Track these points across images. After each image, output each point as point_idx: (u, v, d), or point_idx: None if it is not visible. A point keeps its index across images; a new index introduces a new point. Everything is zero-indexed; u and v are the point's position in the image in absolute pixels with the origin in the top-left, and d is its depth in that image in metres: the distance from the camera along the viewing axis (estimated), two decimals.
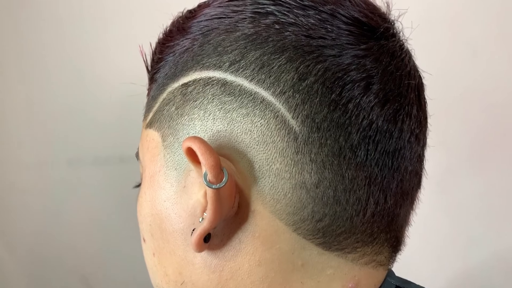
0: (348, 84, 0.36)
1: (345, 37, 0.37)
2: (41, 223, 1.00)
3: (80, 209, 1.00)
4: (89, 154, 0.99)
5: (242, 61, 0.37)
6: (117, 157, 0.98)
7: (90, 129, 0.98)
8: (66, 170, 0.99)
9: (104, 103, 0.96)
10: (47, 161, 0.99)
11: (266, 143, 0.36)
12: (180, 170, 0.39)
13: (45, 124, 0.98)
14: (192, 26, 0.41)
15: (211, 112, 0.37)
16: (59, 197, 1.00)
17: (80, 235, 1.01)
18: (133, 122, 0.97)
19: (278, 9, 0.38)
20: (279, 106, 0.36)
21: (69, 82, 0.97)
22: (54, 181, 0.99)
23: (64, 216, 1.00)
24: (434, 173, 0.49)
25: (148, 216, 0.41)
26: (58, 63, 0.96)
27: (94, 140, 0.98)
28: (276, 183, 0.36)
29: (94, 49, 0.96)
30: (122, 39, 0.94)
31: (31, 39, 0.95)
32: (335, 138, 0.36)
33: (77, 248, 1.01)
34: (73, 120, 0.98)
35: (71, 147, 0.99)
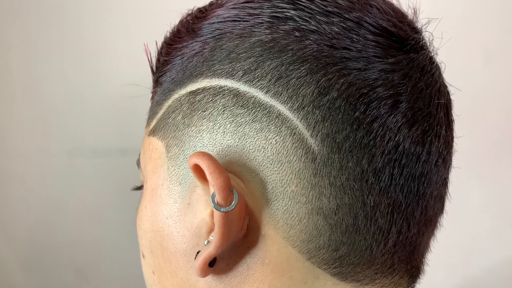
0: (374, 101, 0.32)
1: (372, 49, 0.32)
2: (39, 214, 0.97)
3: (78, 200, 0.96)
4: (89, 146, 0.95)
5: (257, 70, 0.33)
6: (117, 149, 0.94)
7: (91, 120, 0.94)
8: (65, 161, 0.95)
9: (105, 95, 0.93)
10: (46, 151, 0.95)
11: (281, 162, 0.32)
12: (185, 185, 0.35)
13: (45, 114, 0.95)
14: (203, 27, 0.36)
15: (221, 124, 0.33)
16: (58, 187, 0.96)
17: (77, 226, 0.97)
18: (134, 115, 0.93)
19: (299, 14, 0.33)
20: (296, 122, 0.32)
21: (70, 72, 0.93)
22: (54, 171, 0.96)
23: (62, 207, 0.97)
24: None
25: (148, 232, 0.37)
26: (59, 53, 0.92)
27: (95, 132, 0.95)
28: (290, 207, 0.32)
29: (95, 40, 0.92)
30: (124, 31, 0.90)
31: (32, 30, 0.90)
32: (357, 160, 0.31)
33: (74, 240, 0.97)
34: (74, 111, 0.94)
35: (72, 138, 0.95)
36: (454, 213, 0.82)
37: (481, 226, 0.91)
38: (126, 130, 0.94)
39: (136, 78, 0.91)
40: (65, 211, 0.97)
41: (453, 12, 0.82)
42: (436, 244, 0.36)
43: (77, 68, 0.93)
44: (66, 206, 0.97)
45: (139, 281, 0.94)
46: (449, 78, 0.37)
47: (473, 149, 0.87)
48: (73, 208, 0.97)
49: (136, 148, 0.92)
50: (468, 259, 0.93)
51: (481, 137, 0.87)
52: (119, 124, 0.94)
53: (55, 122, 0.95)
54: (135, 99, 0.92)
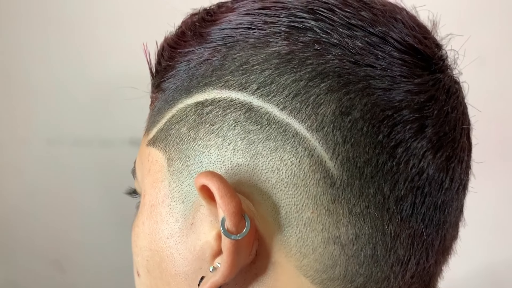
0: (398, 124, 0.29)
1: (397, 68, 0.29)
2: (15, 202, 0.92)
3: (56, 190, 0.92)
4: (69, 135, 0.90)
5: (273, 84, 0.30)
6: (98, 140, 0.90)
7: (72, 109, 0.90)
8: (44, 150, 0.90)
9: (88, 83, 0.88)
10: (25, 139, 0.90)
11: (297, 186, 0.29)
12: (188, 203, 0.31)
13: (24, 100, 0.90)
14: (213, 33, 0.33)
15: (232, 141, 0.30)
16: (35, 177, 0.92)
17: (54, 217, 0.93)
18: (118, 106, 0.89)
19: (319, 25, 0.30)
20: (314, 143, 0.29)
21: (52, 58, 0.88)
22: (32, 160, 0.91)
23: (39, 197, 0.92)
24: None
25: (145, 250, 0.34)
26: (41, 39, 0.87)
27: (76, 121, 0.90)
28: (305, 234, 0.29)
29: (80, 27, 0.87)
30: (111, 19, 0.86)
31: (12, 15, 0.85)
32: (379, 187, 0.29)
33: (51, 230, 0.93)
34: (55, 98, 0.90)
35: (52, 126, 0.91)
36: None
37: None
38: (108, 120, 0.90)
39: (121, 68, 0.88)
40: (42, 201, 0.92)
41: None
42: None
43: (59, 55, 0.88)
44: (43, 196, 0.92)
45: (116, 273, 0.91)
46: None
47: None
48: (51, 198, 0.92)
49: (119, 139, 0.89)
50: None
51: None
52: (101, 114, 0.90)
53: (34, 109, 0.90)
54: (120, 90, 0.88)
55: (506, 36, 0.81)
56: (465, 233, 0.34)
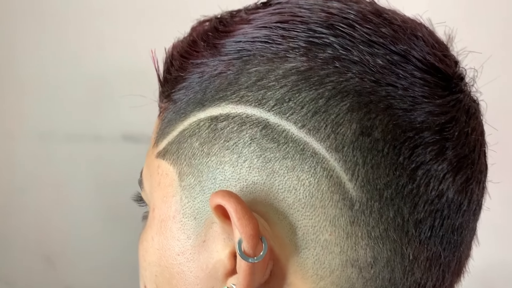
0: (419, 146, 0.28)
1: (419, 88, 0.29)
2: (5, 197, 0.90)
3: (47, 186, 0.90)
4: (62, 130, 0.88)
5: (291, 101, 0.29)
6: (91, 136, 0.88)
7: (65, 103, 0.88)
8: (36, 144, 0.88)
9: (82, 77, 0.86)
10: (16, 133, 0.88)
11: (315, 207, 0.28)
12: (200, 220, 0.30)
13: (16, 94, 0.87)
14: (227, 45, 0.31)
15: (247, 158, 0.29)
16: (26, 172, 0.90)
17: (46, 213, 0.91)
18: (112, 101, 0.87)
19: (339, 42, 0.29)
20: (333, 163, 0.28)
21: (45, 51, 0.86)
22: (23, 154, 0.89)
23: (31, 192, 0.90)
24: None
25: (154, 265, 0.33)
26: (34, 31, 0.85)
27: (69, 116, 0.88)
28: (322, 256, 0.28)
29: (74, 20, 0.85)
30: (106, 14, 0.84)
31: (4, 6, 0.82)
32: (399, 209, 0.28)
33: (42, 226, 0.91)
34: (47, 92, 0.88)
35: (44, 121, 0.89)
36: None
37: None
38: (101, 116, 0.88)
39: (114, 64, 0.86)
40: (33, 196, 0.90)
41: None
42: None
43: (51, 49, 0.86)
44: (34, 192, 0.90)
45: (107, 270, 0.89)
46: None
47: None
48: (42, 194, 0.90)
49: (111, 135, 0.87)
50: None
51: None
52: (94, 110, 0.88)
53: (26, 104, 0.88)
54: (113, 85, 0.87)
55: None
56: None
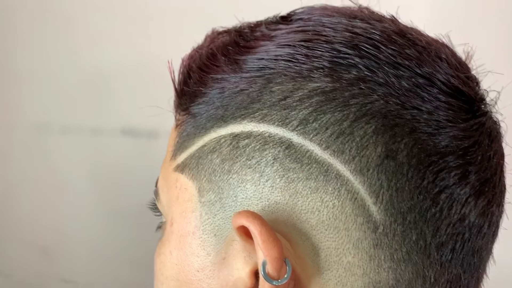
0: (443, 170, 0.28)
1: (443, 112, 0.28)
2: (2, 189, 0.89)
3: (44, 178, 0.89)
4: (59, 123, 0.87)
5: (315, 122, 0.28)
6: (89, 128, 0.87)
7: (62, 95, 0.86)
8: (33, 137, 0.87)
9: (80, 69, 0.85)
10: (13, 125, 0.87)
11: (338, 229, 0.28)
12: (220, 237, 0.30)
13: (13, 84, 0.86)
14: (249, 61, 0.31)
15: (270, 177, 0.29)
16: (23, 164, 0.89)
17: (42, 205, 0.90)
18: (110, 93, 0.86)
19: (365, 63, 0.29)
20: (358, 186, 0.28)
21: (43, 42, 0.84)
22: (20, 146, 0.88)
23: (27, 184, 0.89)
24: None
25: (172, 280, 0.32)
26: (32, 20, 0.83)
27: (66, 108, 0.87)
28: (344, 278, 0.28)
29: (73, 10, 0.83)
30: (105, 6, 0.82)
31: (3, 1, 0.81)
32: (421, 232, 0.28)
33: (39, 219, 0.90)
34: (44, 83, 0.86)
35: (40, 112, 0.87)
36: None
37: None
38: (99, 109, 0.87)
39: (114, 56, 0.85)
40: (29, 189, 0.89)
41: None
42: None
43: (50, 40, 0.84)
44: (31, 184, 0.89)
45: (103, 263, 0.89)
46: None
47: None
48: (39, 186, 0.90)
49: (109, 128, 0.86)
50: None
51: None
52: (92, 102, 0.87)
53: (23, 95, 0.86)
54: (112, 78, 0.85)
55: None
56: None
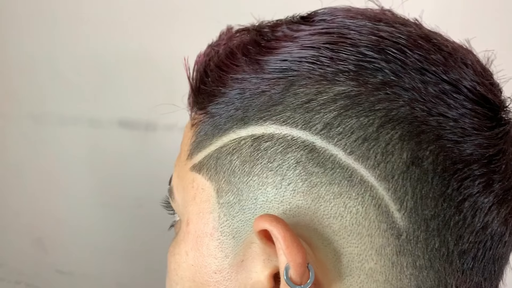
0: (467, 179, 0.28)
1: (469, 119, 0.28)
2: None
3: (40, 168, 0.88)
4: (56, 113, 0.86)
5: (340, 127, 0.28)
6: (86, 119, 0.86)
7: (61, 84, 0.85)
8: (30, 127, 0.86)
9: (79, 57, 0.83)
10: (9, 114, 0.85)
11: (361, 235, 0.28)
12: (239, 239, 0.30)
13: (9, 73, 0.84)
14: (271, 62, 0.30)
15: (292, 181, 0.28)
16: (19, 154, 0.87)
17: (38, 195, 0.89)
18: (110, 84, 0.85)
19: (391, 68, 0.28)
20: (382, 192, 0.27)
21: (41, 28, 0.82)
22: (16, 136, 0.86)
23: (22, 174, 0.88)
24: None
25: (187, 281, 0.32)
26: (28, 10, 0.81)
27: (64, 97, 0.85)
28: (366, 285, 0.28)
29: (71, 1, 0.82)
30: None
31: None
32: (444, 240, 0.28)
33: (34, 208, 0.89)
34: (42, 72, 0.85)
35: (38, 103, 0.86)
36: None
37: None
38: (98, 99, 0.85)
39: (112, 47, 0.83)
40: (26, 179, 0.88)
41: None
42: None
43: (48, 28, 0.82)
44: (27, 174, 0.88)
45: (98, 254, 0.88)
46: None
47: None
48: (35, 176, 0.88)
49: (107, 120, 0.85)
50: None
51: None
52: (90, 93, 0.85)
53: (20, 84, 0.85)
54: (111, 68, 0.84)
55: None
56: None
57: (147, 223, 0.86)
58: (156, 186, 0.84)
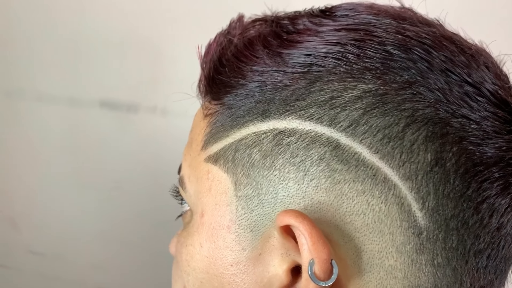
0: (487, 181, 0.28)
1: (490, 122, 0.29)
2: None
3: (14, 147, 0.85)
4: (32, 89, 0.83)
5: (366, 125, 0.28)
6: (65, 98, 0.83)
7: (39, 59, 0.82)
8: (3, 103, 0.83)
9: (57, 36, 0.80)
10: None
11: (383, 233, 0.28)
12: (257, 233, 0.30)
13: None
14: (294, 56, 0.30)
15: (315, 177, 0.28)
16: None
17: (10, 174, 0.86)
18: (90, 64, 0.82)
19: (417, 68, 0.28)
20: (405, 192, 0.28)
21: (22, 3, 0.79)
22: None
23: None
24: None
25: (200, 272, 0.32)
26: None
27: (42, 73, 0.82)
28: (385, 281, 0.28)
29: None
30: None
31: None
32: (462, 240, 0.28)
33: (8, 188, 0.86)
34: (17, 49, 0.81)
35: (13, 78, 0.83)
36: None
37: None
38: (80, 77, 0.82)
39: (98, 23, 0.81)
40: (0, 157, 0.85)
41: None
42: None
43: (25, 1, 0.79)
44: (1, 152, 0.85)
45: (73, 235, 0.86)
46: None
47: None
48: (10, 155, 0.85)
49: (87, 100, 0.83)
50: None
51: None
52: (71, 70, 0.82)
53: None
54: (93, 46, 0.81)
55: None
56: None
57: (125, 206, 0.85)
58: (135, 168, 0.83)
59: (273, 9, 0.36)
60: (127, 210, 0.85)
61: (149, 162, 0.81)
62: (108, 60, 0.81)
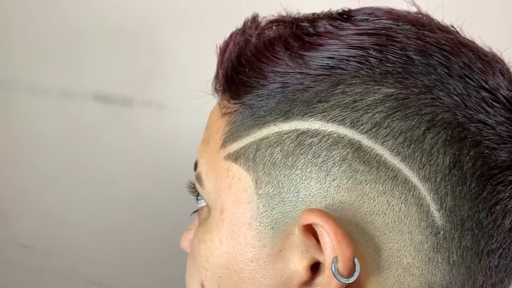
0: (501, 184, 0.29)
1: (505, 127, 0.30)
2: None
3: (6, 138, 0.84)
4: (25, 80, 0.82)
5: (388, 128, 0.29)
6: (59, 90, 0.82)
7: (31, 52, 0.81)
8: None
9: (51, 26, 0.79)
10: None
11: (402, 232, 0.29)
12: (277, 230, 0.30)
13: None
14: (316, 59, 0.31)
15: (337, 177, 0.29)
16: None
17: (3, 166, 0.85)
18: (86, 56, 0.82)
19: (437, 73, 0.29)
20: (424, 193, 0.29)
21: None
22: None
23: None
24: None
25: (220, 267, 0.32)
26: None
27: (34, 66, 0.82)
28: (402, 278, 0.29)
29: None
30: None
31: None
32: (476, 240, 0.29)
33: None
34: (11, 39, 0.80)
35: (5, 69, 0.82)
36: None
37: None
38: (74, 69, 0.82)
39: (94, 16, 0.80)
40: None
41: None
42: None
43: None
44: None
45: (63, 229, 0.86)
46: None
47: None
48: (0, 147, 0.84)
49: (81, 92, 0.82)
50: None
51: None
52: (65, 62, 0.82)
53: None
54: (89, 38, 0.81)
55: None
56: None
57: (119, 199, 0.84)
58: (129, 163, 0.83)
59: (277, 10, 0.36)
60: (120, 204, 0.85)
61: (144, 156, 0.81)
62: (102, 53, 0.81)
